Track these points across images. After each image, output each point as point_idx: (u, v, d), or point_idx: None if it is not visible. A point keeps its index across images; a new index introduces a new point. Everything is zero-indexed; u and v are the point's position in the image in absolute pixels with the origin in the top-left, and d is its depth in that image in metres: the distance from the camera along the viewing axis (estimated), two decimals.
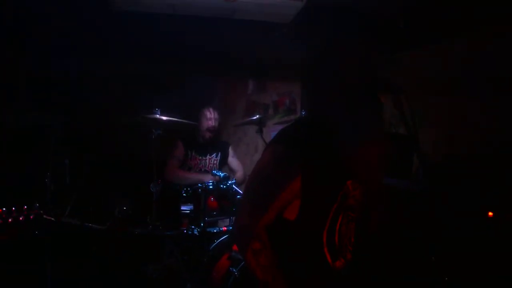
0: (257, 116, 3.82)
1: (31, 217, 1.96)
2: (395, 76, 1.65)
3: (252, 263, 1.49)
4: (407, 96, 1.47)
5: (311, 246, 1.56)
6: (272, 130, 5.09)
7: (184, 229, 3.09)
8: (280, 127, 4.90)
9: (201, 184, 3.19)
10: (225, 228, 3.21)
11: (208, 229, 3.08)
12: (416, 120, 1.49)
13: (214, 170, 3.62)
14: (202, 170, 4.19)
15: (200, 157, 4.20)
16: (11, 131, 3.80)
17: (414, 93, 1.54)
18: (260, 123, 3.82)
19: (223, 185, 3.26)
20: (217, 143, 4.34)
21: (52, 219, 2.18)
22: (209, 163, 4.22)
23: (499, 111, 3.27)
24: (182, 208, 3.38)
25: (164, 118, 3.18)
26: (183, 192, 3.28)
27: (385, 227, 1.72)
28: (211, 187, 3.20)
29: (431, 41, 3.93)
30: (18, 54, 4.25)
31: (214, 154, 4.25)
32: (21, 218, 1.91)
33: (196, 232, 3.04)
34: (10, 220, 1.87)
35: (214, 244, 3.20)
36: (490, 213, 2.67)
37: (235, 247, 3.07)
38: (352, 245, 1.61)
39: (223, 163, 4.31)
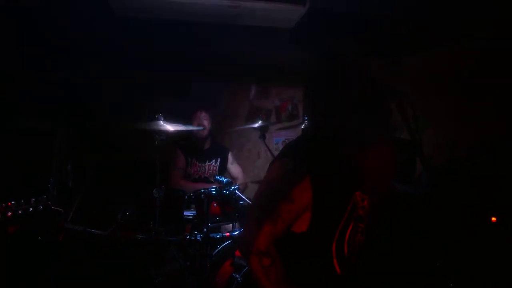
0: (260, 122, 3.81)
1: (40, 207, 2.01)
2: (397, 79, 1.65)
3: (263, 280, 1.48)
4: (410, 100, 1.47)
5: (321, 257, 1.56)
6: (275, 136, 5.09)
7: (187, 235, 3.08)
8: (283, 133, 4.92)
9: (204, 189, 3.19)
10: (228, 234, 3.20)
11: (211, 235, 3.07)
12: (419, 124, 1.49)
13: (217, 176, 3.61)
14: (202, 177, 4.20)
15: (200, 164, 4.20)
16: (14, 136, 3.80)
17: (417, 97, 1.54)
18: (263, 129, 3.82)
19: (226, 190, 3.25)
20: (216, 149, 4.35)
21: (61, 210, 2.22)
22: (208, 170, 4.22)
23: (501, 114, 3.27)
24: (185, 213, 3.37)
25: (171, 128, 3.16)
26: (186, 197, 3.27)
27: (392, 233, 1.72)
28: (214, 192, 3.19)
29: (433, 44, 3.93)
30: (21, 60, 4.26)
31: (213, 161, 4.25)
32: (30, 210, 1.97)
33: (199, 238, 3.03)
34: (19, 212, 1.93)
35: (217, 250, 3.18)
36: (493, 218, 2.65)
37: (238, 253, 3.06)
38: (361, 255, 1.61)
39: (222, 169, 4.30)
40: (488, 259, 2.49)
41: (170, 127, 3.15)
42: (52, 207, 2.10)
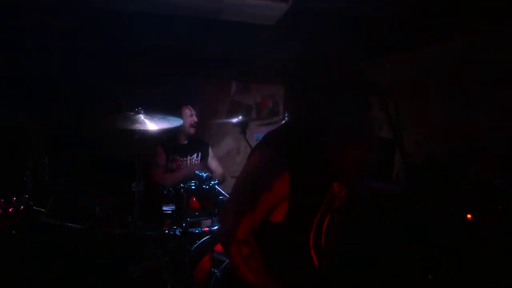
0: (240, 118, 3.82)
1: (21, 208, 1.96)
2: (379, 78, 1.67)
3: (242, 268, 1.49)
4: (393, 98, 1.49)
5: (298, 248, 1.57)
6: (255, 132, 5.09)
7: (166, 230, 3.06)
8: (263, 129, 4.94)
9: (184, 184, 3.17)
10: (207, 229, 3.19)
11: (190, 230, 3.06)
12: (401, 122, 1.51)
13: (197, 171, 3.60)
14: None
15: (182, 159, 4.19)
16: None
17: (397, 96, 1.56)
18: (243, 125, 3.83)
19: (206, 185, 3.24)
20: (197, 143, 4.34)
21: (42, 210, 2.17)
22: (191, 164, 4.22)
23: (479, 113, 3.35)
24: (164, 208, 3.35)
25: (151, 124, 3.10)
26: (165, 192, 3.25)
27: (371, 228, 1.74)
28: (193, 187, 3.18)
29: (413, 45, 3.99)
30: None
31: (195, 155, 4.25)
32: (10, 210, 1.91)
33: (178, 233, 3.02)
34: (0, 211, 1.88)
35: (196, 245, 3.18)
36: (469, 216, 2.71)
37: (217, 248, 3.07)
38: (337, 246, 1.63)
39: (204, 163, 4.30)
40: (463, 253, 2.56)
41: (150, 122, 3.11)
42: (34, 207, 2.05)
